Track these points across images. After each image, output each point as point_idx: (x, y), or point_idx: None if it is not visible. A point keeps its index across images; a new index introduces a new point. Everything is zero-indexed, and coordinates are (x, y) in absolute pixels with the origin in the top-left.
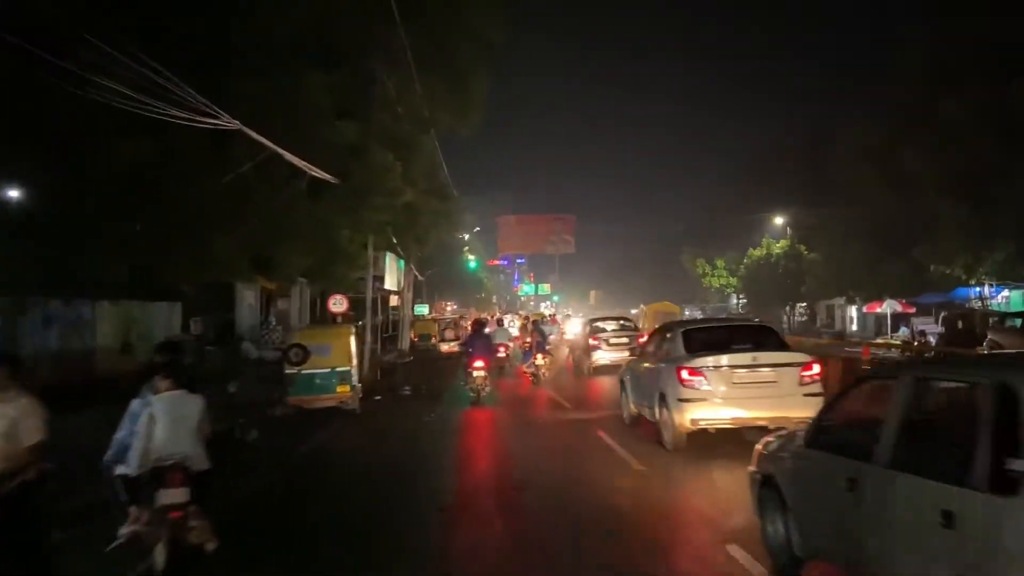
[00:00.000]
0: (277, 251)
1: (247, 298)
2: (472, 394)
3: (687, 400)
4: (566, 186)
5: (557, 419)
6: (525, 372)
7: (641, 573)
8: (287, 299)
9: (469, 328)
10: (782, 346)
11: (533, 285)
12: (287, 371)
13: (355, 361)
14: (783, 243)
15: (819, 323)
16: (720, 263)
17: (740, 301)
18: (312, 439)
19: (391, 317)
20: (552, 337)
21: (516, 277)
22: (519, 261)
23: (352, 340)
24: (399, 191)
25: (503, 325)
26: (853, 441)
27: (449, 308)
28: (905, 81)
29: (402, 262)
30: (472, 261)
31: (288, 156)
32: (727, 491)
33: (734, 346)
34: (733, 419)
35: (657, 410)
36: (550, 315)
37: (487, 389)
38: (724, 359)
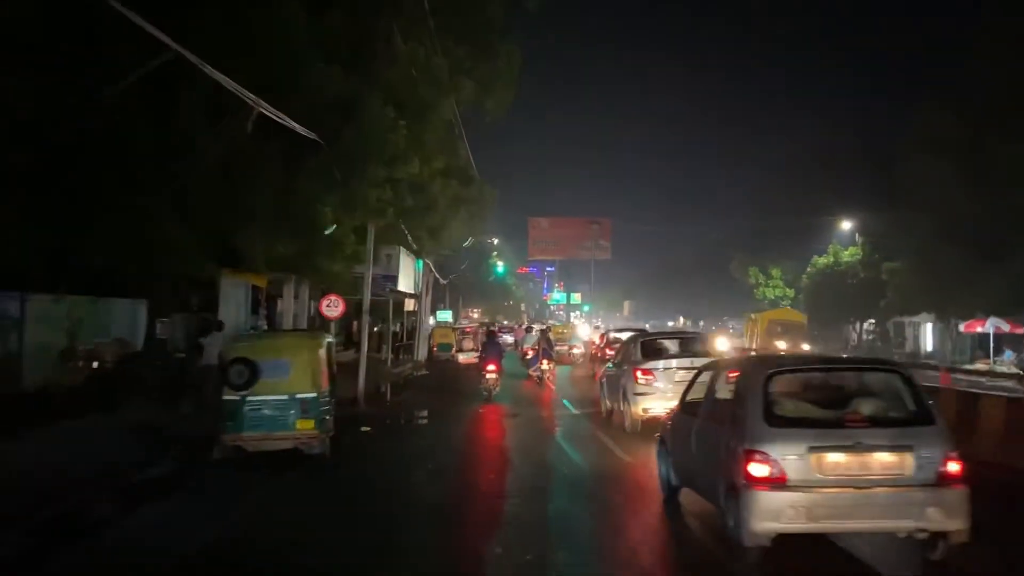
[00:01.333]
0: (239, 233)
1: (234, 297)
2: (485, 392)
3: (640, 394)
4: (599, 187)
5: (556, 414)
6: (532, 375)
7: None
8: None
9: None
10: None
11: (564, 294)
12: (226, 397)
13: (326, 383)
14: (852, 250)
15: (893, 342)
16: (775, 272)
17: None
18: (227, 516)
19: (405, 324)
20: (581, 345)
21: (546, 285)
22: (548, 269)
23: (322, 354)
24: (403, 159)
25: (531, 332)
26: (695, 407)
27: (475, 315)
28: (991, 60)
29: (420, 263)
30: (500, 266)
31: (239, 91)
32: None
33: (678, 353)
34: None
35: (621, 403)
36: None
37: (497, 389)
38: (673, 363)
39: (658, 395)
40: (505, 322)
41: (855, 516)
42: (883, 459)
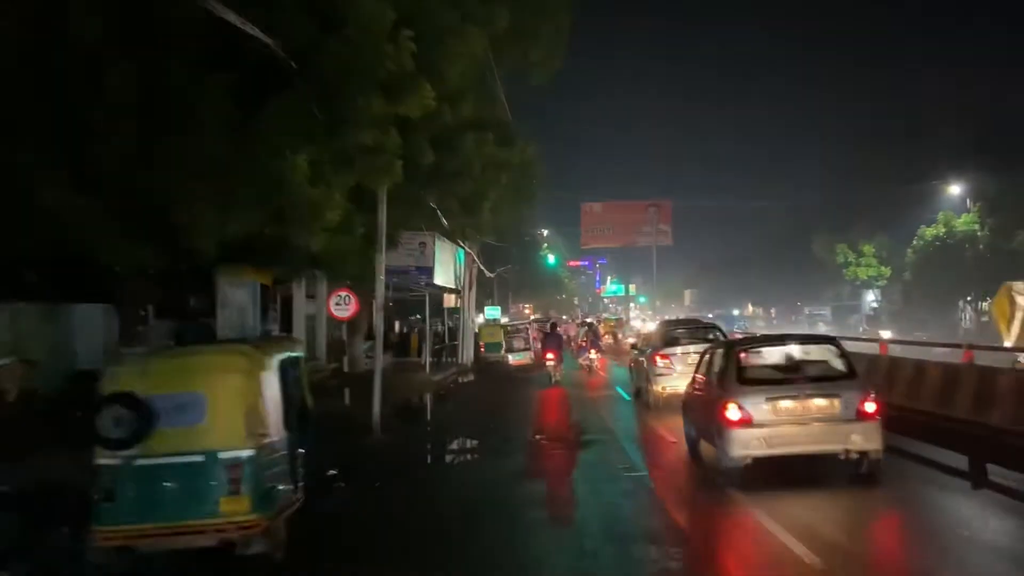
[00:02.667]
0: (175, 200)
1: (235, 299)
2: (548, 378)
3: (659, 375)
4: (655, 170)
5: (601, 394)
6: (582, 364)
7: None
8: (312, 300)
9: (535, 334)
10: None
11: (621, 285)
12: (99, 461)
13: (277, 429)
14: (967, 218)
15: None
16: (867, 249)
17: (879, 300)
18: None
19: (446, 323)
20: (635, 337)
21: (598, 278)
22: (600, 262)
23: (267, 381)
24: (410, 86)
25: (586, 326)
26: (701, 379)
27: (527, 311)
28: None
29: (461, 253)
30: (551, 258)
31: None
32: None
33: (691, 340)
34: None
35: (645, 383)
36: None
37: (559, 375)
38: (690, 348)
39: (675, 375)
40: (564, 318)
41: (800, 443)
42: (818, 403)
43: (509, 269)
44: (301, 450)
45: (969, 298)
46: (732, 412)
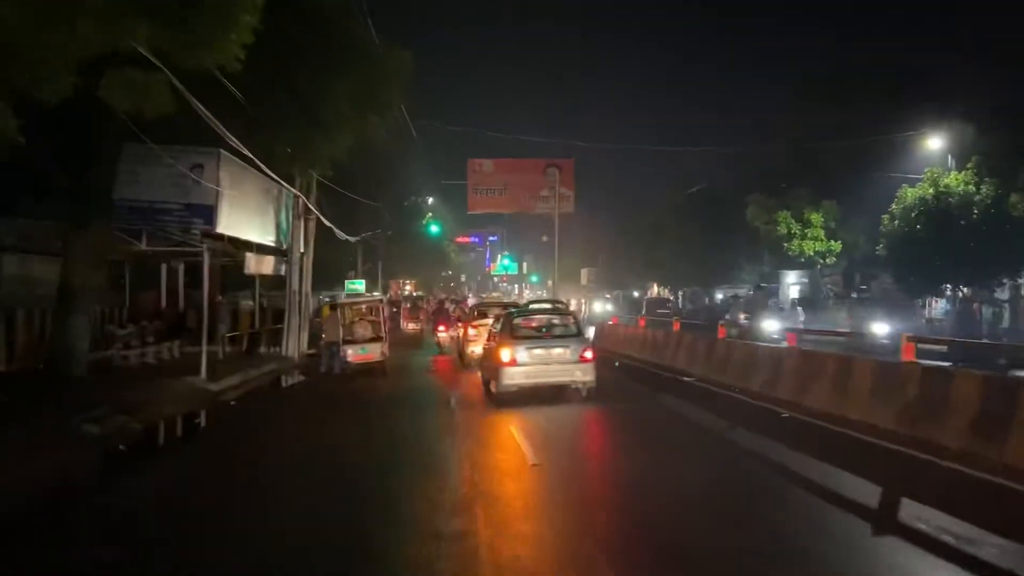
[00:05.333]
0: None
1: None
2: (438, 348)
3: (469, 341)
4: (549, 126)
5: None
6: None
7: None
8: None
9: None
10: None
11: (514, 262)
12: None
13: None
14: (958, 177)
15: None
16: (815, 219)
17: (804, 281)
18: None
19: (259, 298)
20: None
21: (487, 256)
22: (492, 239)
23: None
24: None
25: (455, 304)
26: (491, 338)
27: (408, 288)
28: None
29: (289, 200)
30: (434, 228)
31: None
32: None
33: (499, 314)
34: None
35: (461, 347)
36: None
37: (447, 345)
38: (481, 322)
39: (480, 341)
40: (469, 294)
41: (546, 376)
42: (556, 351)
43: (380, 236)
44: None
45: (947, 286)
46: (505, 356)
